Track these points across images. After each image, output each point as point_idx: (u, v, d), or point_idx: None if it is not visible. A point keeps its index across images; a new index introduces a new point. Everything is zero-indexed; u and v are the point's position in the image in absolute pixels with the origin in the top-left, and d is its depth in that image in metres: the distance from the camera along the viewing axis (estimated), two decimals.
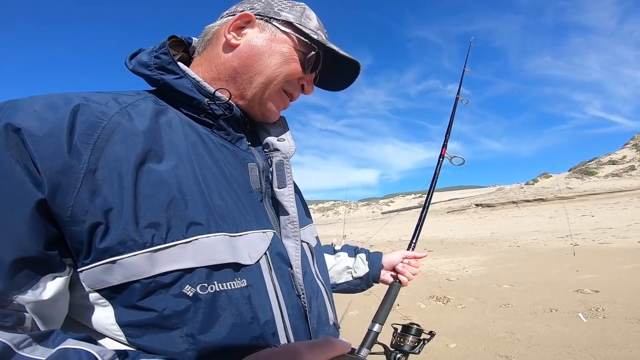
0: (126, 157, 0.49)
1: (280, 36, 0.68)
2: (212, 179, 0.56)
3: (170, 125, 0.57)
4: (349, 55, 0.72)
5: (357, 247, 1.15)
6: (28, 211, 0.42)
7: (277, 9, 0.69)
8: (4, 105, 0.46)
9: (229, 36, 0.67)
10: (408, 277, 1.07)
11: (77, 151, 0.45)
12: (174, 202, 0.50)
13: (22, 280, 0.42)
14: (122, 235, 0.45)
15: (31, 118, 0.45)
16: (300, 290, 0.62)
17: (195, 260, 0.49)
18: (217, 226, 0.52)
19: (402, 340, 0.87)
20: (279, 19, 0.68)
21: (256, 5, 0.70)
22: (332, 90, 0.82)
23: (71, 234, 0.44)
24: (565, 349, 3.12)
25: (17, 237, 0.42)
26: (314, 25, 0.71)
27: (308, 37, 0.68)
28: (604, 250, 7.85)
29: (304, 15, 0.70)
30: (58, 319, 0.47)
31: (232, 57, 0.67)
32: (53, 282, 0.45)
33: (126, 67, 0.63)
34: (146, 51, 0.63)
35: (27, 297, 0.42)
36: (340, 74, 0.78)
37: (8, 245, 0.41)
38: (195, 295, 0.48)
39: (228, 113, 0.64)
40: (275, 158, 0.69)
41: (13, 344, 0.37)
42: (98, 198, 0.45)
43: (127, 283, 0.46)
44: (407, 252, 1.13)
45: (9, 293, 0.41)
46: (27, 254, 0.42)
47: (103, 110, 0.50)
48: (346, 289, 1.07)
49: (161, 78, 0.60)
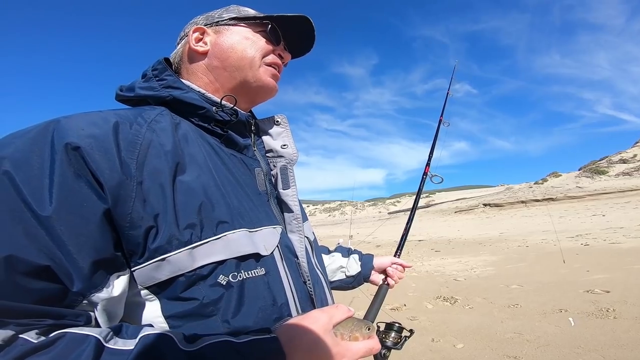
0: (163, 170, 0.56)
1: (235, 29, 0.77)
2: (228, 184, 0.64)
3: (187, 139, 0.64)
4: (297, 14, 0.79)
5: (350, 248, 1.26)
6: (97, 219, 0.48)
7: (217, 15, 0.78)
8: (49, 125, 0.51)
9: (197, 47, 0.75)
10: (395, 281, 1.20)
11: (127, 166, 0.52)
12: (204, 205, 0.57)
13: (97, 279, 0.48)
14: (168, 236, 0.52)
15: (84, 137, 0.50)
16: (306, 277, 0.70)
17: (225, 253, 0.57)
18: (239, 223, 0.60)
19: (385, 336, 0.94)
20: (224, 19, 0.77)
21: (198, 21, 0.78)
22: (303, 53, 0.89)
23: (129, 238, 0.51)
24: (575, 350, 3.08)
25: (91, 242, 0.47)
26: (253, 13, 0.79)
27: (256, 18, 0.77)
28: (615, 250, 7.72)
29: (240, 10, 0.80)
30: (120, 315, 0.53)
31: (211, 59, 0.75)
32: (119, 280, 0.51)
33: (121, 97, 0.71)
34: (141, 81, 0.70)
35: (102, 295, 0.48)
36: (301, 35, 0.84)
37: (85, 250, 0.46)
38: (228, 283, 0.56)
39: (234, 118, 0.71)
40: (280, 163, 0.78)
41: (102, 337, 0.43)
42: (148, 206, 0.52)
43: (172, 278, 0.53)
44: (395, 259, 1.25)
45: (87, 292, 0.47)
46: (101, 256, 0.48)
47: (137, 128, 0.57)
48: (339, 287, 1.17)
49: (169, 94, 0.67)
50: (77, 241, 0.46)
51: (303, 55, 0.90)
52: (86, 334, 0.42)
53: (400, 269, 1.23)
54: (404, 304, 5.02)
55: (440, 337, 3.68)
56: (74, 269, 0.45)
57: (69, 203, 0.46)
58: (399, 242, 1.33)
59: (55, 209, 0.45)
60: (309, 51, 0.89)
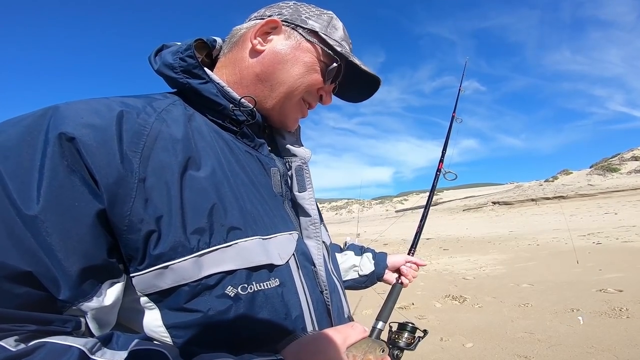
0: (170, 165, 0.50)
1: (304, 45, 0.68)
2: (241, 185, 0.58)
3: (201, 132, 0.58)
4: (370, 70, 0.73)
5: (363, 246, 1.22)
6: (90, 221, 0.43)
7: (305, 16, 0.70)
8: (46, 112, 0.46)
9: (254, 41, 0.67)
10: (409, 280, 1.16)
11: (128, 160, 0.47)
12: (215, 208, 0.52)
13: (87, 287, 0.44)
14: (173, 242, 0.47)
15: (81, 126, 0.45)
16: (323, 287, 0.66)
17: (236, 262, 0.51)
18: (252, 230, 0.55)
19: (398, 337, 0.92)
20: (305, 27, 0.69)
21: (284, 11, 0.70)
22: (350, 102, 0.83)
23: (127, 242, 0.46)
24: (588, 349, 3.03)
25: (82, 247, 0.43)
26: (339, 36, 0.71)
27: (332, 49, 0.69)
28: (628, 248, 7.57)
29: (330, 25, 0.71)
30: (112, 323, 0.49)
31: (256, 63, 0.67)
32: (112, 288, 0.47)
33: (150, 65, 0.64)
34: (170, 50, 0.62)
35: (92, 304, 0.44)
36: (360, 87, 0.79)
37: (74, 255, 0.42)
38: (236, 295, 0.51)
39: (251, 119, 0.65)
40: (295, 163, 0.71)
41: (87, 348, 0.39)
42: (150, 206, 0.47)
43: (175, 287, 0.48)
44: (409, 257, 1.21)
45: (75, 301, 0.42)
46: (92, 263, 0.44)
47: (144, 118, 0.52)
48: (351, 286, 1.13)
49: (187, 82, 0.61)
50: (66, 245, 0.41)
51: (345, 100, 0.83)
52: (69, 345, 0.39)
53: (415, 267, 1.19)
54: (412, 303, 4.99)
55: (449, 336, 3.65)
56: (62, 275, 0.41)
57: (59, 201, 0.42)
58: (413, 240, 1.28)
59: (42, 207, 0.41)
60: (354, 102, 0.83)
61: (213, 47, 0.73)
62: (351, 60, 0.71)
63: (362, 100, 0.82)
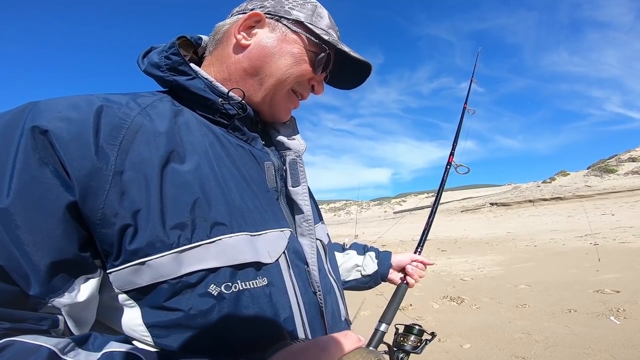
0: (150, 158, 0.49)
1: (290, 36, 0.67)
2: (231, 179, 0.56)
3: (189, 126, 0.57)
4: (360, 56, 0.71)
5: (366, 245, 1.16)
6: (60, 214, 0.42)
7: (288, 7, 0.68)
8: (26, 107, 0.46)
9: (239, 36, 0.66)
10: (415, 280, 1.10)
11: (104, 153, 0.45)
12: (198, 203, 0.50)
13: (58, 282, 0.42)
14: (150, 237, 0.45)
15: (57, 120, 0.44)
16: (317, 287, 0.63)
17: (220, 260, 0.49)
18: (239, 226, 0.52)
19: (404, 339, 0.88)
20: (289, 18, 0.67)
21: (267, 3, 0.69)
22: (343, 89, 0.82)
23: (101, 236, 0.44)
24: (585, 350, 3.04)
25: (52, 240, 0.42)
26: (325, 24, 0.69)
27: (319, 38, 0.67)
28: (625, 249, 7.60)
29: (315, 13, 0.69)
30: (90, 321, 0.48)
31: (243, 58, 0.66)
32: (86, 284, 0.45)
33: (138, 66, 0.63)
34: (156, 51, 0.62)
35: (64, 300, 0.43)
36: (351, 73, 0.77)
37: (44, 249, 0.41)
38: (219, 294, 0.48)
39: (242, 113, 0.64)
40: (289, 157, 0.69)
41: (58, 349, 0.38)
42: (126, 200, 0.45)
43: (154, 284, 0.46)
44: (415, 256, 1.14)
45: (46, 296, 0.41)
46: (63, 257, 0.42)
47: (125, 112, 0.50)
48: (354, 286, 1.09)
49: (173, 79, 0.60)
50: (34, 238, 0.40)
51: (338, 88, 0.81)
52: (38, 345, 0.37)
53: (422, 266, 1.12)
54: (409, 304, 4.99)
55: (447, 337, 3.65)
56: (31, 270, 0.40)
57: (29, 194, 0.41)
58: (420, 238, 1.21)
59: (11, 200, 0.40)
60: (347, 89, 0.81)
61: (199, 45, 0.72)
62: (340, 48, 0.69)
63: (354, 86, 0.80)
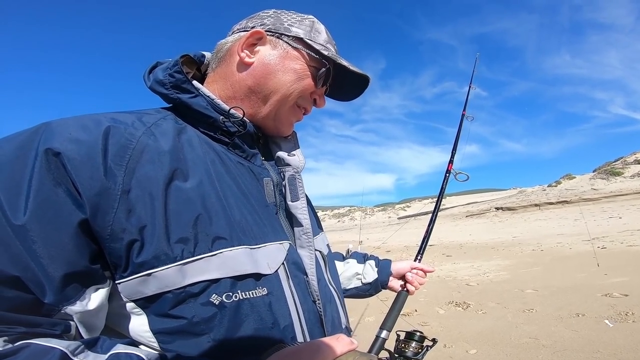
0: (155, 176, 0.52)
1: (292, 53, 0.69)
2: (231, 195, 0.60)
3: (191, 144, 0.60)
4: (358, 70, 0.74)
5: (367, 253, 1.20)
6: (72, 230, 0.46)
7: (287, 24, 0.71)
8: (39, 128, 0.50)
9: (242, 54, 0.68)
10: (416, 287, 1.12)
11: (112, 173, 0.49)
12: (200, 219, 0.53)
13: (71, 292, 0.46)
14: (156, 251, 0.49)
15: (68, 142, 0.48)
16: (316, 297, 0.66)
17: (221, 271, 0.52)
18: (238, 240, 0.56)
19: (405, 346, 0.88)
20: (289, 34, 0.70)
21: (266, 21, 0.71)
22: (343, 100, 0.85)
23: (110, 250, 0.48)
24: (593, 354, 3.01)
25: (65, 254, 0.45)
26: (323, 39, 0.72)
27: (318, 53, 0.70)
28: (633, 252, 7.52)
29: (313, 29, 0.72)
30: (99, 327, 0.51)
31: (247, 76, 0.68)
32: (97, 294, 0.49)
33: (144, 83, 0.66)
34: (161, 68, 0.65)
35: (76, 308, 0.46)
36: (350, 86, 0.80)
37: (58, 261, 0.45)
38: (221, 303, 0.52)
39: (242, 130, 0.66)
40: (288, 173, 0.72)
41: (69, 350, 0.42)
42: (133, 217, 0.49)
43: (160, 293, 0.50)
44: (415, 263, 1.17)
45: (60, 304, 0.45)
46: (75, 269, 0.46)
47: (131, 132, 0.54)
48: (355, 294, 1.12)
49: (177, 97, 0.63)
50: (49, 252, 0.44)
51: (338, 100, 0.85)
52: (51, 347, 0.41)
53: (422, 274, 1.15)
54: (414, 310, 4.96)
55: (452, 342, 3.63)
56: (46, 280, 0.44)
57: (44, 212, 0.45)
58: (420, 246, 1.24)
59: (28, 218, 0.44)
60: (346, 101, 0.84)
61: (201, 63, 0.75)
62: (339, 62, 0.72)
63: (354, 98, 0.83)
